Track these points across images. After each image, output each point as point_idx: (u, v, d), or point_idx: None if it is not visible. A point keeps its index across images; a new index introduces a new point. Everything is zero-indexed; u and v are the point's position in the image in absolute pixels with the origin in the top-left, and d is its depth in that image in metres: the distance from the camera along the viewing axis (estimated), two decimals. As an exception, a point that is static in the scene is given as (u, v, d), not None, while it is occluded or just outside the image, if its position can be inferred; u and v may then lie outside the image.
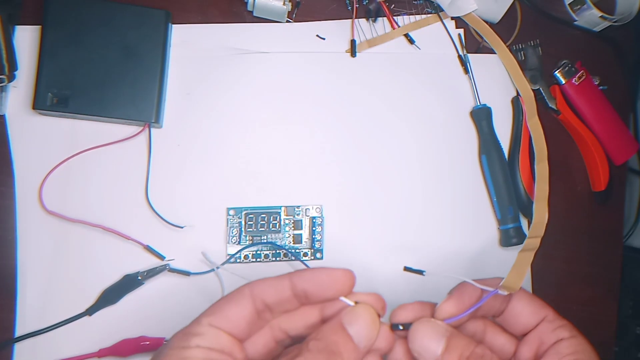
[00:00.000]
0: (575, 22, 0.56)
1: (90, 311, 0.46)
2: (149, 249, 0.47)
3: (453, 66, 0.53)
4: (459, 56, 0.53)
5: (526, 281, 0.53)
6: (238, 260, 0.48)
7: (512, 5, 0.52)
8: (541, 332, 0.36)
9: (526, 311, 0.36)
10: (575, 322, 0.53)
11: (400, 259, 0.50)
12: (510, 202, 0.51)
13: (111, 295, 0.46)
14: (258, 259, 0.49)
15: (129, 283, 0.46)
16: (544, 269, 0.53)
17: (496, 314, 0.37)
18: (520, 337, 0.37)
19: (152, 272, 0.46)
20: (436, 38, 0.53)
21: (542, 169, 0.50)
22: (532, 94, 0.52)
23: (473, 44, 0.54)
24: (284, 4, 0.49)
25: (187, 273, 0.47)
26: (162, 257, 0.47)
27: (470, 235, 0.52)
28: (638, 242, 0.61)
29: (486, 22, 0.53)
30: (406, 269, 0.46)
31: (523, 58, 0.53)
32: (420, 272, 0.44)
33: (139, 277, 0.46)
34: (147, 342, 0.45)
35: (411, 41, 0.52)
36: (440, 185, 0.52)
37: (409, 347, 0.33)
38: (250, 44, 0.50)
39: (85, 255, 0.47)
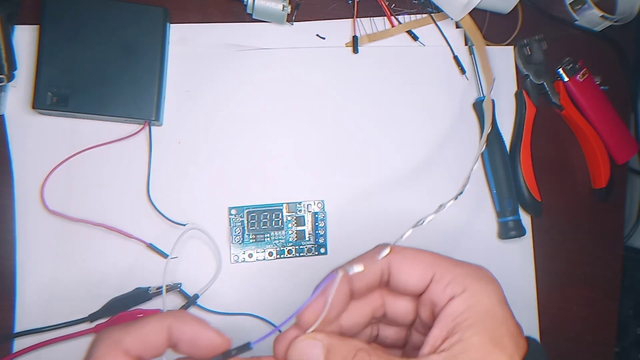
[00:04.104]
0: (576, 22, 0.56)
1: (92, 317, 0.45)
2: (151, 247, 0.47)
3: (455, 63, 0.53)
4: (454, 57, 0.53)
5: (530, 281, 0.53)
6: (241, 260, 0.48)
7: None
8: (432, 294, 0.33)
9: (413, 275, 0.33)
10: (576, 322, 0.54)
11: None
12: (509, 195, 0.51)
13: (117, 306, 0.45)
14: (263, 258, 0.49)
15: (138, 296, 0.46)
16: (545, 269, 0.53)
17: (386, 282, 0.34)
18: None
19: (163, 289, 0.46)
20: (439, 32, 0.53)
21: None
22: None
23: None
24: (282, 9, 0.48)
25: (195, 296, 0.46)
26: (165, 255, 0.47)
27: (469, 226, 0.52)
28: (639, 242, 0.61)
29: (496, 13, 0.54)
30: None
31: (529, 53, 0.53)
32: None
33: (150, 291, 0.46)
34: (142, 315, 0.45)
35: (415, 38, 0.52)
36: (441, 176, 0.52)
37: None
38: (250, 41, 0.50)
39: (87, 254, 0.46)
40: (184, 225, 0.47)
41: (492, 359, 0.30)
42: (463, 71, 0.53)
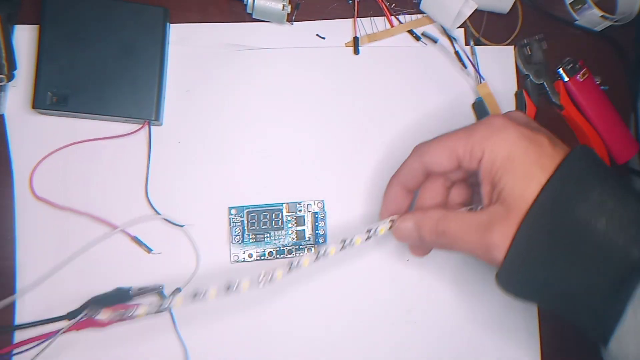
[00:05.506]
0: (576, 22, 0.56)
1: (70, 315, 0.45)
2: (136, 240, 0.47)
3: (456, 58, 0.53)
4: (455, 52, 0.53)
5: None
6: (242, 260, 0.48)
7: (514, 4, 0.53)
8: (467, 168, 0.40)
9: (442, 162, 0.41)
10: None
11: (402, 250, 0.51)
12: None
13: (95, 304, 0.45)
14: (262, 258, 0.49)
15: (118, 296, 0.45)
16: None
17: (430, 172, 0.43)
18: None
19: (143, 290, 0.46)
20: (440, 30, 0.53)
21: None
22: None
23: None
24: (283, 8, 0.48)
25: (177, 290, 0.47)
26: (149, 250, 0.47)
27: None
28: (639, 242, 0.61)
29: (495, 13, 0.54)
30: None
31: (529, 53, 0.53)
32: None
33: (130, 292, 0.45)
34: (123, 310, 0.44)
35: (417, 38, 0.52)
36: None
37: None
38: (250, 41, 0.50)
39: (81, 249, 0.46)
40: (182, 226, 0.47)
41: (531, 182, 0.36)
42: (464, 66, 0.53)
